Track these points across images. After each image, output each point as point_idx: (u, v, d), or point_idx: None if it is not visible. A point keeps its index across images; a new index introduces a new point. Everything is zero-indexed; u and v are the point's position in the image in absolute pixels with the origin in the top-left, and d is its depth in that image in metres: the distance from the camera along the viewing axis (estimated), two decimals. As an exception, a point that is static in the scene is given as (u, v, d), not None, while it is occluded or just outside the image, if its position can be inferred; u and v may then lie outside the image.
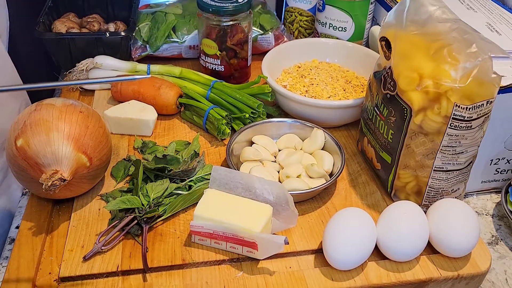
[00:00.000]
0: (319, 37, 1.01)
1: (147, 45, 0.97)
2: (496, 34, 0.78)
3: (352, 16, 0.94)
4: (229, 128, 0.81)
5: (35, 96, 0.93)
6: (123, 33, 0.91)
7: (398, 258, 0.62)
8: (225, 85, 0.87)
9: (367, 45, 1.01)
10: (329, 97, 0.84)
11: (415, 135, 0.63)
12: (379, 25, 0.97)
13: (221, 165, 0.74)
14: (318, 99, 0.83)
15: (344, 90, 0.86)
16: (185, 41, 0.98)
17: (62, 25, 0.94)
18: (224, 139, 0.82)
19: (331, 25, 0.96)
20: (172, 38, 0.98)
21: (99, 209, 0.68)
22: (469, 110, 0.58)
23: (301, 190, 0.68)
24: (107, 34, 0.91)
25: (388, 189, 0.71)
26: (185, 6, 1.02)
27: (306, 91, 0.86)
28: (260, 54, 0.99)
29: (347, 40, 0.97)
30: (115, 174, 0.73)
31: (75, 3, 1.02)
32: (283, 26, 1.04)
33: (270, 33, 1.01)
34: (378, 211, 0.69)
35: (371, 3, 0.95)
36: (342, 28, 0.96)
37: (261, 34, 1.01)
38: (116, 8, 1.03)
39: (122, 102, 0.85)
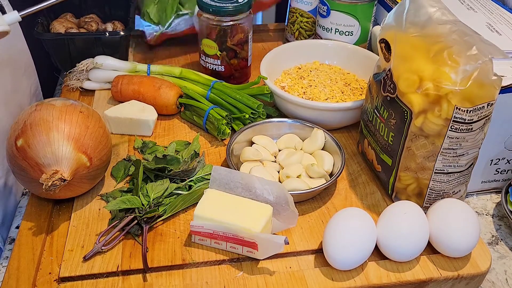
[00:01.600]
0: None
1: (159, 26, 0.97)
2: (496, 35, 0.78)
3: (358, 19, 0.94)
4: (229, 128, 0.81)
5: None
6: (122, 33, 0.91)
7: (398, 258, 0.62)
8: (225, 85, 0.87)
9: (369, 46, 1.00)
10: (326, 99, 0.84)
11: (415, 138, 0.63)
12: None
13: (221, 165, 0.74)
14: (315, 101, 0.83)
15: (342, 93, 0.86)
16: (194, 11, 0.97)
17: (60, 26, 0.94)
18: (224, 139, 0.82)
19: (337, 30, 0.95)
20: (182, 11, 0.98)
21: (99, 209, 0.68)
22: (469, 112, 0.58)
23: (301, 190, 0.68)
24: (107, 33, 0.91)
25: (389, 191, 0.71)
26: None
27: (304, 92, 0.86)
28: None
29: (353, 44, 0.96)
30: (115, 174, 0.73)
31: (72, 3, 1.01)
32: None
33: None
34: (378, 211, 0.69)
35: (374, 5, 0.95)
36: (349, 32, 0.95)
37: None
38: (113, 8, 1.03)
39: (122, 102, 0.85)
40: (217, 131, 0.80)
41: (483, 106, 0.58)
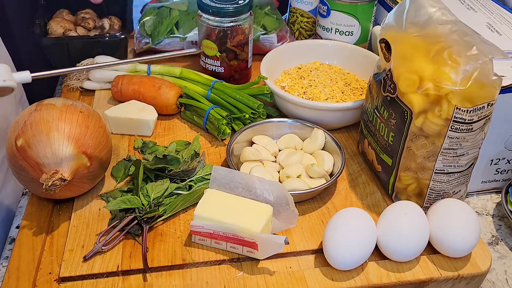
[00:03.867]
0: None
1: (150, 39, 0.99)
2: (496, 35, 0.78)
3: (358, 19, 0.94)
4: (229, 128, 0.81)
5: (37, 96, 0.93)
6: (121, 35, 0.90)
7: (398, 258, 0.62)
8: (225, 85, 0.87)
9: (370, 46, 1.00)
10: (326, 99, 0.84)
11: (415, 138, 0.63)
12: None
13: (221, 165, 0.74)
14: (315, 101, 0.83)
15: (342, 93, 0.86)
16: (186, 37, 0.99)
17: (57, 26, 0.93)
18: (224, 139, 0.82)
19: (337, 30, 0.95)
20: (175, 34, 0.99)
21: (99, 209, 0.68)
22: (470, 112, 0.58)
23: (301, 190, 0.68)
24: (107, 37, 0.90)
25: (389, 191, 0.71)
26: (190, 3, 1.03)
27: (304, 92, 0.86)
28: (262, 54, 0.99)
29: (353, 44, 0.96)
30: (115, 174, 0.73)
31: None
32: (287, 27, 1.04)
33: (273, 33, 1.01)
34: (378, 211, 0.69)
35: (375, 5, 0.95)
36: (349, 32, 0.95)
37: (264, 34, 1.01)
38: (109, 2, 1.03)
39: (122, 102, 0.85)
40: (217, 131, 0.80)
41: (483, 106, 0.58)
